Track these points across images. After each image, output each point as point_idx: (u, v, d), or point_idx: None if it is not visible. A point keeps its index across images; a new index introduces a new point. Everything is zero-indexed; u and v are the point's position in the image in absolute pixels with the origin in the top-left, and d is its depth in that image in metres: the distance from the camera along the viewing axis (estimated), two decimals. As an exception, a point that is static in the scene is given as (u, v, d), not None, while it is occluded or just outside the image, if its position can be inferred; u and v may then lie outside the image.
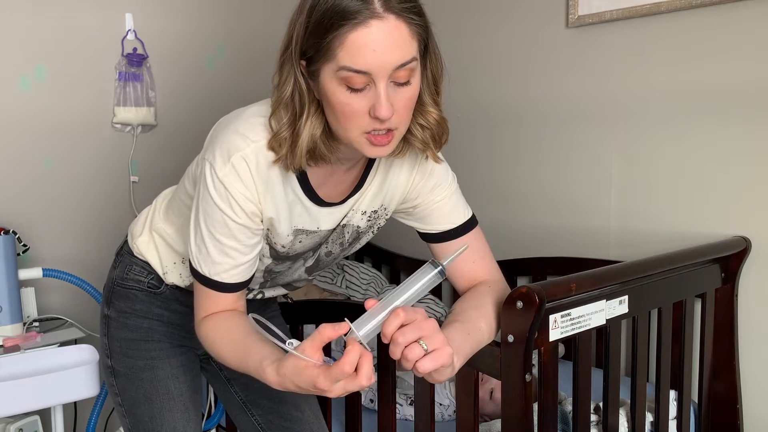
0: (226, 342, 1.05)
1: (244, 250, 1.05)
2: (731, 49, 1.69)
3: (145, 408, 1.26)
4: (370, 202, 1.15)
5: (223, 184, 0.99)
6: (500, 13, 2.19)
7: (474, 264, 1.17)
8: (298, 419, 1.34)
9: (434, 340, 0.87)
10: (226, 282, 1.06)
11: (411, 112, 0.97)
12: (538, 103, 2.11)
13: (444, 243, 1.17)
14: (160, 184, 1.42)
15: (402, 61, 0.90)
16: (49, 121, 2.09)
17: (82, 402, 1.91)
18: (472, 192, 2.32)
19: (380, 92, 0.90)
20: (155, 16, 2.27)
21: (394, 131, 0.95)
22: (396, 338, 0.85)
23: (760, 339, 1.69)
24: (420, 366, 0.86)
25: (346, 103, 0.92)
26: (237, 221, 1.02)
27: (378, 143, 0.95)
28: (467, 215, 1.18)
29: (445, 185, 1.16)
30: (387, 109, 0.91)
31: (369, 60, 0.88)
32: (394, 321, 0.85)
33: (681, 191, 1.81)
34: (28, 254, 1.96)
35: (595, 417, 1.46)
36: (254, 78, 2.44)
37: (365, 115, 0.92)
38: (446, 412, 1.69)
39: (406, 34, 0.90)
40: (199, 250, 1.05)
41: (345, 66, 0.89)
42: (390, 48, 0.89)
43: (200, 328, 1.09)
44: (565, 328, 1.21)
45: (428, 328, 0.87)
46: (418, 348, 0.86)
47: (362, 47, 0.88)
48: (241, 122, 1.02)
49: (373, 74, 0.89)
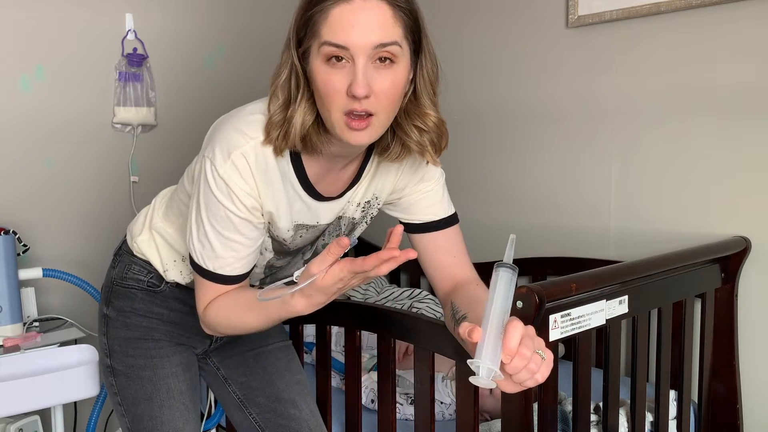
0: (240, 308, 1.07)
1: (247, 243, 1.07)
2: (731, 49, 1.69)
3: (145, 407, 1.26)
4: (363, 193, 1.17)
5: (224, 180, 1.01)
6: (500, 14, 2.19)
7: (454, 258, 1.19)
8: (295, 417, 1.34)
9: (542, 346, 0.85)
10: (230, 274, 1.08)
11: (393, 101, 0.97)
12: (538, 103, 2.11)
13: (425, 234, 1.19)
14: (160, 184, 1.42)
15: (382, 40, 0.92)
16: (49, 121, 2.09)
17: (82, 402, 1.91)
18: (472, 192, 2.33)
19: (357, 69, 0.92)
20: (155, 16, 2.27)
21: (372, 117, 0.95)
22: (523, 353, 0.81)
23: (760, 339, 1.69)
24: (540, 376, 0.83)
25: (327, 80, 0.94)
26: (240, 215, 1.03)
27: (355, 127, 0.95)
28: (450, 211, 1.21)
29: (433, 179, 1.19)
30: (363, 86, 0.91)
31: (348, 35, 0.91)
32: (516, 334, 0.81)
33: (681, 191, 1.81)
34: (28, 254, 1.96)
35: (595, 417, 1.47)
36: (254, 78, 2.44)
37: (343, 93, 0.93)
38: (447, 411, 1.69)
39: (389, 15, 0.92)
40: (202, 246, 1.06)
41: (326, 41, 0.92)
42: (370, 25, 0.91)
43: (205, 315, 1.11)
44: (565, 328, 1.21)
45: (534, 335, 0.85)
46: (539, 358, 0.83)
47: (342, 22, 0.91)
48: (240, 120, 1.03)
49: (352, 50, 0.91)
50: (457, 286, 1.16)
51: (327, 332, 1.56)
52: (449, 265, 1.19)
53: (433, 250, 1.19)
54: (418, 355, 1.33)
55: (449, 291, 1.17)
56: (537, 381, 0.83)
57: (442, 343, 1.25)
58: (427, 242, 1.19)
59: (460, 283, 1.17)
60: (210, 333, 1.14)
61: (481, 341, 0.82)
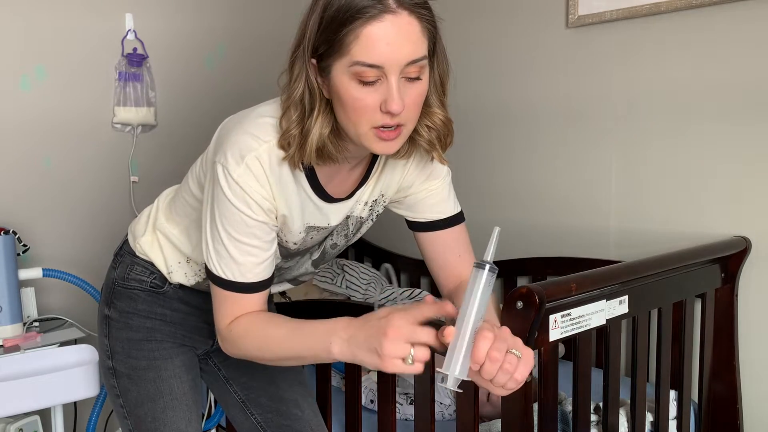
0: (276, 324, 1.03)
1: (264, 247, 1.06)
2: (731, 49, 1.69)
3: (148, 408, 1.25)
4: (371, 192, 1.17)
5: (239, 184, 1.00)
6: (500, 14, 2.19)
7: (459, 257, 1.19)
8: (297, 417, 1.34)
9: (518, 345, 0.85)
10: (251, 281, 1.05)
11: (419, 109, 0.99)
12: (538, 103, 2.11)
13: (430, 232, 1.19)
14: (160, 184, 1.42)
15: (414, 56, 0.92)
16: (49, 121, 2.09)
17: (82, 402, 1.91)
18: (472, 192, 2.33)
19: (392, 86, 0.92)
20: (155, 16, 2.27)
21: (402, 127, 0.96)
22: (493, 356, 0.82)
23: (760, 339, 1.69)
24: (519, 375, 0.84)
25: (358, 98, 0.93)
26: (256, 219, 1.02)
27: (386, 138, 0.96)
28: (456, 209, 1.20)
29: (439, 177, 1.19)
30: (399, 103, 0.92)
31: (382, 54, 0.90)
32: (484, 344, 0.82)
33: (681, 191, 1.81)
34: (28, 254, 1.96)
35: (595, 417, 1.47)
36: (255, 77, 2.44)
37: (376, 110, 0.93)
38: (447, 411, 1.69)
39: (417, 29, 0.92)
40: (219, 255, 1.04)
41: (358, 60, 0.91)
42: (403, 42, 0.91)
43: (230, 332, 1.06)
44: (565, 328, 1.21)
45: (508, 335, 0.86)
46: (513, 358, 0.84)
47: (376, 41, 0.90)
48: (250, 123, 1.03)
49: (386, 68, 0.91)
50: (460, 284, 1.16)
51: (327, 332, 1.56)
52: (454, 264, 1.18)
53: (439, 249, 1.19)
54: (418, 355, 1.33)
55: (453, 289, 1.17)
56: (518, 380, 0.84)
57: (442, 343, 1.25)
58: (432, 240, 1.19)
59: (463, 282, 1.16)
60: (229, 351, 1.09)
61: (451, 348, 0.83)
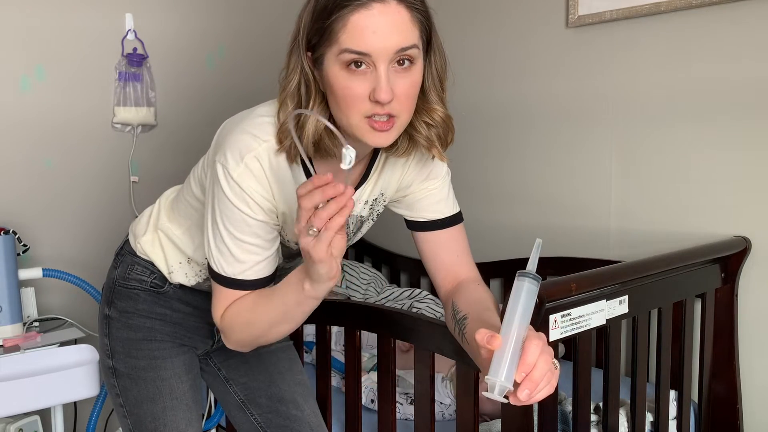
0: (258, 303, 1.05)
1: (265, 245, 1.06)
2: (731, 49, 1.69)
3: (148, 408, 1.26)
4: (371, 191, 1.17)
5: (238, 184, 1.00)
6: (500, 13, 2.19)
7: (458, 258, 1.19)
8: (297, 418, 1.34)
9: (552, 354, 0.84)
10: (252, 279, 1.07)
11: (413, 101, 0.98)
12: (538, 102, 2.11)
13: (429, 232, 1.19)
14: (160, 184, 1.42)
15: (403, 45, 0.92)
16: (50, 122, 2.09)
17: (82, 402, 1.91)
18: (472, 192, 2.33)
19: (380, 75, 0.91)
20: (155, 16, 2.27)
21: (395, 119, 0.96)
22: (542, 366, 0.81)
23: (760, 339, 1.69)
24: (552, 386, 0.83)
25: (347, 87, 0.93)
26: (256, 218, 1.03)
27: (379, 128, 0.95)
28: (455, 210, 1.21)
29: (438, 177, 1.19)
30: (387, 91, 0.91)
31: (370, 41, 0.90)
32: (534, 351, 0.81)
33: (681, 191, 1.81)
34: (28, 254, 1.96)
35: (595, 417, 1.47)
36: (255, 78, 2.44)
37: (366, 99, 0.93)
38: (447, 411, 1.69)
39: (407, 18, 0.92)
40: (220, 253, 1.05)
41: (346, 48, 0.91)
42: (391, 30, 0.91)
43: (223, 321, 1.09)
44: (565, 328, 1.21)
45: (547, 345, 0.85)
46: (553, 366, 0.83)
47: (363, 29, 0.90)
48: (250, 123, 1.03)
49: (374, 56, 0.91)
50: (458, 285, 1.16)
51: (327, 332, 1.56)
52: (452, 264, 1.18)
53: (437, 249, 1.19)
54: (418, 355, 1.33)
55: (451, 290, 1.17)
56: (549, 392, 0.83)
57: (442, 344, 1.25)
58: (430, 240, 1.19)
59: (461, 283, 1.17)
60: (228, 344, 1.11)
61: (499, 356, 0.81)
